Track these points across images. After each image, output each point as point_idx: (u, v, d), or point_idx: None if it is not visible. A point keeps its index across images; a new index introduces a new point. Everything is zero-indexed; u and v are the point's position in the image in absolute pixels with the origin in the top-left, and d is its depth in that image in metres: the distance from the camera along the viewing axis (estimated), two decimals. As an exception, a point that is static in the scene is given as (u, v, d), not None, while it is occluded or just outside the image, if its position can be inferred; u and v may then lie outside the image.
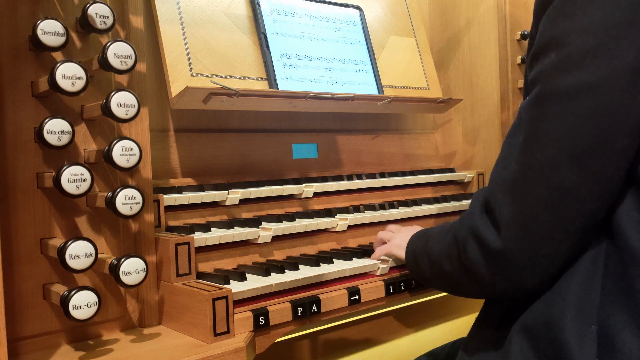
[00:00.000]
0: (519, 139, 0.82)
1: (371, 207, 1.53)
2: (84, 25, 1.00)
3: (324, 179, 1.58)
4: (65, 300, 0.89)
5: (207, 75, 1.37)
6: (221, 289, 1.01)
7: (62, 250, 0.90)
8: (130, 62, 0.99)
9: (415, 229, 1.23)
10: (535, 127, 0.79)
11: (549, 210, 0.77)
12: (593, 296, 0.76)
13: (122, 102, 0.97)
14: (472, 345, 0.94)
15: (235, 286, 1.06)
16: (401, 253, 1.19)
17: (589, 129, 0.74)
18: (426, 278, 1.05)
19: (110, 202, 0.96)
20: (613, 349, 0.73)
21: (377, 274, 1.25)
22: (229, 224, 1.26)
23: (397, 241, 1.24)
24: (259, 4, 1.53)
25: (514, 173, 0.81)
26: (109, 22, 1.00)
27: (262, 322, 1.03)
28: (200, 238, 1.15)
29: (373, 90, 1.70)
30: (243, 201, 1.37)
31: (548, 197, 0.77)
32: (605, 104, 0.73)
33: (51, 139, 0.93)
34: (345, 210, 1.48)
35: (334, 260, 1.27)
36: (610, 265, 0.77)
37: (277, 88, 1.48)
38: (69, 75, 0.92)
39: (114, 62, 0.97)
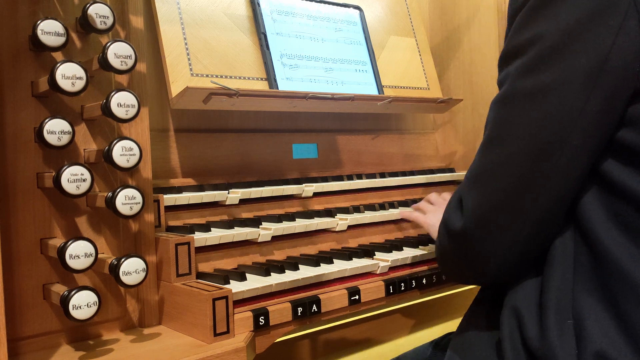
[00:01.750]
0: (485, 135, 0.89)
1: (371, 207, 1.53)
2: (84, 25, 1.00)
3: (324, 179, 1.58)
4: (65, 300, 0.89)
5: (207, 75, 1.37)
6: (221, 289, 1.01)
7: (62, 250, 0.90)
8: (130, 62, 0.99)
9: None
10: (497, 125, 0.86)
11: (505, 201, 0.84)
12: (567, 290, 0.80)
13: (122, 102, 0.97)
14: (466, 327, 0.98)
15: (235, 286, 1.06)
16: (434, 234, 1.26)
17: (544, 129, 0.80)
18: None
19: (110, 202, 0.96)
20: (585, 338, 0.75)
21: (377, 272, 1.25)
22: (229, 224, 1.26)
23: (432, 220, 1.30)
24: (259, 4, 1.53)
25: (478, 166, 0.88)
26: (109, 22, 1.00)
27: (262, 322, 1.03)
28: (200, 238, 1.15)
29: (373, 90, 1.70)
30: (243, 201, 1.37)
31: (505, 189, 0.84)
32: (559, 105, 0.78)
33: (51, 139, 0.93)
34: (345, 210, 1.48)
35: (334, 260, 1.27)
36: (579, 258, 0.81)
37: (277, 88, 1.48)
38: (69, 75, 0.92)
39: (114, 62, 0.97)
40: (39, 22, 0.93)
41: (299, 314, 1.08)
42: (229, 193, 1.33)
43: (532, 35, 0.81)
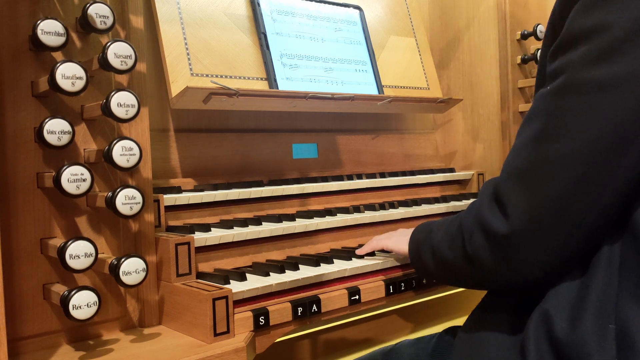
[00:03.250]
0: (533, 128, 0.80)
1: (371, 207, 1.53)
2: (84, 25, 1.00)
3: (324, 179, 1.58)
4: (65, 300, 0.89)
5: (207, 75, 1.37)
6: (221, 289, 1.01)
7: (62, 250, 0.90)
8: (130, 62, 0.99)
9: (407, 232, 1.22)
10: (555, 117, 0.78)
11: (561, 203, 0.76)
12: (611, 295, 0.74)
13: (122, 102, 0.97)
14: (477, 328, 0.92)
15: (235, 286, 1.06)
16: (403, 247, 1.18)
17: (614, 124, 0.73)
18: (429, 271, 1.03)
19: (110, 202, 0.96)
20: (632, 349, 0.71)
21: (379, 267, 1.25)
22: (229, 224, 1.26)
23: (393, 239, 1.24)
24: (259, 4, 1.53)
25: (528, 162, 0.80)
26: (109, 22, 1.00)
27: (262, 322, 1.03)
28: (200, 238, 1.15)
29: (373, 90, 1.70)
30: (243, 201, 1.37)
31: (562, 189, 0.76)
32: (630, 99, 0.72)
33: (51, 139, 0.93)
34: (345, 210, 1.48)
35: (334, 260, 1.27)
36: (627, 264, 0.75)
37: (277, 88, 1.48)
38: (69, 75, 0.92)
39: (114, 62, 0.97)
40: (39, 22, 0.93)
41: (299, 314, 1.08)
42: (229, 193, 1.33)
43: (600, 21, 0.74)
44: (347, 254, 1.29)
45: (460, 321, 2.10)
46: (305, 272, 1.17)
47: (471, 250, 0.87)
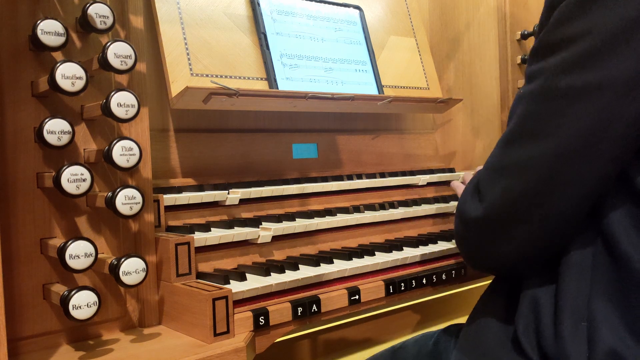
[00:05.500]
0: (509, 128, 0.87)
1: (371, 207, 1.53)
2: (84, 25, 1.00)
3: (324, 179, 1.58)
4: (65, 300, 0.89)
5: (207, 75, 1.37)
6: (221, 289, 1.01)
7: (62, 250, 0.90)
8: (130, 62, 0.99)
9: None
10: (532, 120, 0.83)
11: (533, 197, 0.83)
12: (583, 296, 0.79)
13: (122, 102, 0.97)
14: (477, 318, 0.98)
15: (235, 286, 1.06)
16: None
17: (587, 129, 0.77)
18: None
19: (110, 202, 0.96)
20: (600, 343, 0.76)
21: (379, 267, 1.25)
22: (229, 224, 1.26)
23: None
24: (259, 4, 1.53)
25: (505, 158, 0.86)
26: (109, 22, 1.00)
27: (262, 322, 1.03)
28: (200, 238, 1.15)
29: (373, 90, 1.70)
30: (243, 201, 1.37)
31: (535, 183, 0.82)
32: (599, 108, 0.76)
33: (51, 139, 0.93)
34: (345, 210, 1.48)
35: (334, 260, 1.27)
36: (600, 267, 0.80)
37: (277, 88, 1.48)
38: (69, 75, 0.92)
39: (114, 62, 0.97)
40: (39, 22, 0.93)
41: (299, 314, 1.08)
42: (229, 193, 1.33)
43: (580, 30, 0.77)
44: (347, 254, 1.29)
45: (461, 320, 2.11)
46: (305, 272, 1.17)
47: (457, 238, 0.99)
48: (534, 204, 0.83)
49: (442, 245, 1.42)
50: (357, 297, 1.17)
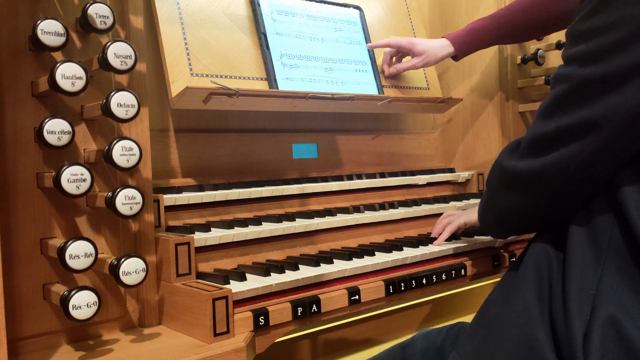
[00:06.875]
0: (547, 103, 0.89)
1: (371, 207, 1.53)
2: (84, 25, 1.00)
3: (324, 179, 1.58)
4: (65, 300, 0.89)
5: (207, 75, 1.37)
6: (221, 289, 1.01)
7: (62, 250, 0.90)
8: (130, 62, 0.99)
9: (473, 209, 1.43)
10: (564, 99, 0.85)
11: (561, 169, 0.87)
12: (595, 264, 0.82)
13: (122, 102, 0.97)
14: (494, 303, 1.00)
15: (235, 286, 1.06)
16: (474, 216, 1.40)
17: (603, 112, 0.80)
18: (492, 226, 1.10)
19: (110, 202, 0.96)
20: (602, 309, 0.78)
21: (379, 267, 1.25)
22: (229, 224, 1.26)
23: (464, 216, 1.44)
24: (259, 4, 1.53)
25: (540, 133, 0.90)
26: (109, 22, 1.00)
27: (262, 322, 1.03)
28: (200, 238, 1.15)
29: (373, 90, 1.70)
30: (243, 201, 1.37)
31: (567, 157, 0.86)
32: (623, 98, 0.78)
33: (51, 139, 0.93)
34: (345, 210, 1.48)
35: (334, 260, 1.27)
36: (611, 237, 0.83)
37: (277, 88, 1.48)
38: (69, 75, 0.92)
39: (114, 62, 0.97)
40: (39, 22, 0.93)
41: (299, 314, 1.08)
42: (228, 193, 1.33)
43: (608, 19, 0.79)
44: (347, 254, 1.29)
45: (461, 319, 2.11)
46: (305, 272, 1.17)
47: (486, 192, 1.04)
48: (566, 174, 0.86)
49: (442, 245, 1.42)
50: (357, 297, 1.17)
